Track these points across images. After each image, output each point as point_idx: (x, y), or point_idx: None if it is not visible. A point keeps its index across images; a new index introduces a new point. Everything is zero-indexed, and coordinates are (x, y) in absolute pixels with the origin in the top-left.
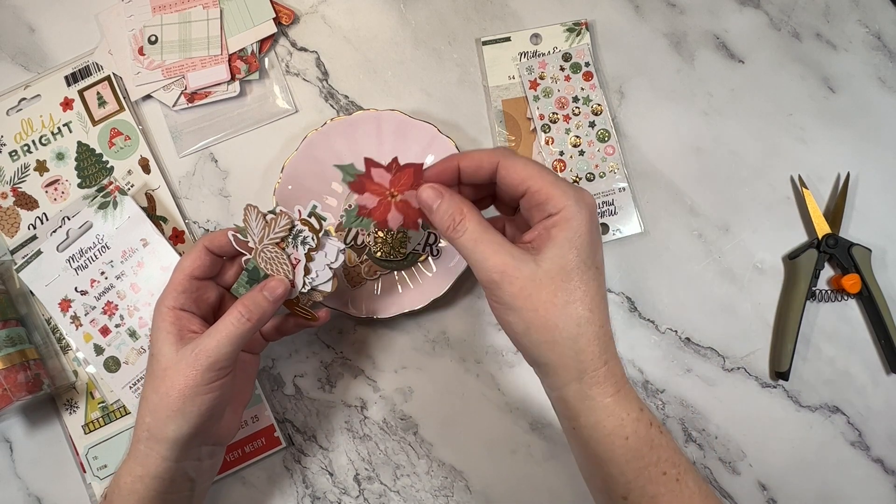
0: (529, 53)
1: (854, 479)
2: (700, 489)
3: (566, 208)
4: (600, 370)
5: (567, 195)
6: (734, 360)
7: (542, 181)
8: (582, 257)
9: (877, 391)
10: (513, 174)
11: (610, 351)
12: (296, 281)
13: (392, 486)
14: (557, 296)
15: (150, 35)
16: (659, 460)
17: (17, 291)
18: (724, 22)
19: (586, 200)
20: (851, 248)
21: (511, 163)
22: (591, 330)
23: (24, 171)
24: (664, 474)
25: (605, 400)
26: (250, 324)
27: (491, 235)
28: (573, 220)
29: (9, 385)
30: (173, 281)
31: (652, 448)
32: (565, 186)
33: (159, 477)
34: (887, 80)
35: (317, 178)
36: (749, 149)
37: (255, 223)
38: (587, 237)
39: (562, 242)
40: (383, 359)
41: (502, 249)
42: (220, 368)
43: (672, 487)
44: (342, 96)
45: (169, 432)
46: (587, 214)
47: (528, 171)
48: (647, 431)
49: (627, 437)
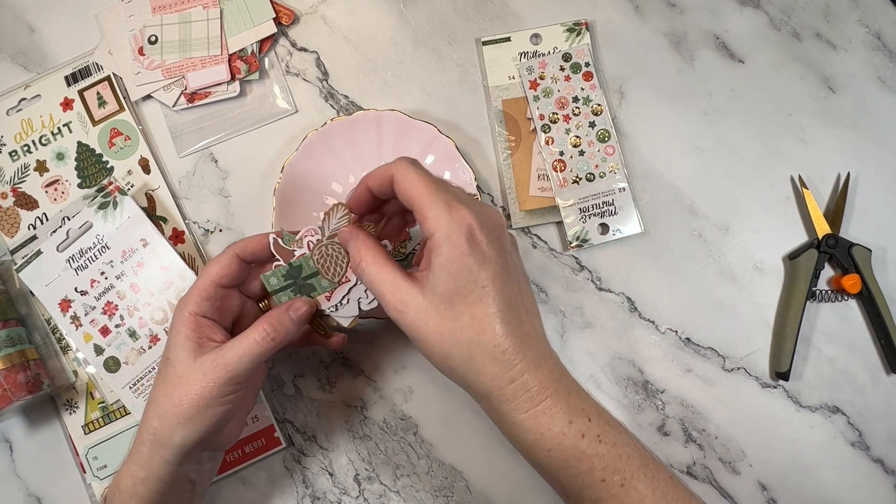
0: (529, 53)
1: (854, 479)
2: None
3: (438, 231)
4: (505, 389)
5: (439, 218)
6: (734, 360)
7: (421, 200)
8: (461, 282)
9: (877, 391)
10: (400, 190)
11: (518, 366)
12: (334, 295)
13: (392, 486)
14: (443, 324)
15: (150, 35)
16: (594, 469)
17: (17, 291)
18: (724, 22)
19: (459, 221)
20: (851, 249)
21: (401, 177)
22: (483, 352)
23: (24, 171)
24: (603, 481)
25: (518, 416)
26: (274, 343)
27: (385, 274)
28: (444, 246)
29: (9, 385)
30: (198, 286)
31: (582, 459)
32: (440, 207)
33: (161, 480)
34: (887, 80)
35: (317, 178)
36: (749, 149)
37: (334, 219)
38: (464, 259)
39: (437, 270)
40: (383, 359)
41: (394, 286)
42: (238, 383)
43: (615, 492)
44: (342, 96)
45: (176, 439)
46: (461, 236)
47: (413, 188)
48: (576, 443)
49: (550, 450)
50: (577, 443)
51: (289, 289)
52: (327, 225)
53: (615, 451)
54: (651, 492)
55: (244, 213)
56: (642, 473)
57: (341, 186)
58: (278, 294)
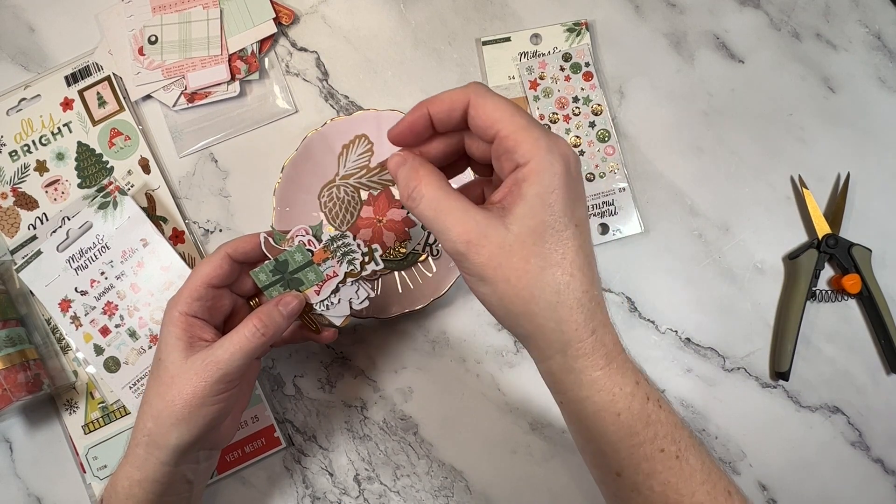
0: (529, 53)
1: (854, 479)
2: (703, 466)
3: (536, 158)
4: (586, 341)
5: (538, 143)
6: (734, 360)
7: (511, 125)
8: (557, 215)
9: (877, 391)
10: (482, 115)
11: (598, 318)
12: (323, 288)
13: (392, 486)
14: (531, 262)
15: (150, 35)
16: (656, 436)
17: (17, 291)
18: (724, 22)
19: (561, 148)
20: (851, 249)
21: (482, 101)
22: (571, 297)
23: (24, 171)
24: (661, 451)
25: (593, 374)
26: (264, 338)
27: (452, 201)
28: (544, 173)
29: (9, 385)
30: (189, 286)
31: (648, 424)
32: (538, 133)
33: (158, 481)
34: (887, 80)
35: (317, 178)
36: (749, 149)
37: (353, 154)
38: (562, 191)
39: (532, 200)
40: (383, 359)
41: (466, 216)
42: (230, 381)
43: (670, 465)
44: (342, 96)
45: (171, 439)
46: (561, 165)
47: (499, 112)
48: (643, 407)
49: (619, 414)
50: (645, 406)
51: (278, 284)
52: (344, 161)
53: (672, 419)
54: (701, 466)
55: (244, 213)
56: (692, 446)
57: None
58: (269, 290)
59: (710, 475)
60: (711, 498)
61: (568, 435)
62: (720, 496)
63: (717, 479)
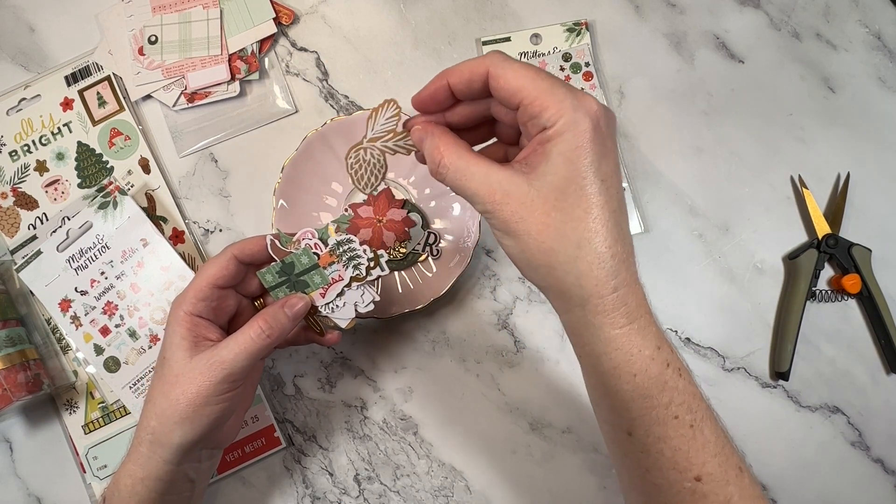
0: (529, 53)
1: (854, 479)
2: (718, 439)
3: (562, 120)
4: (606, 298)
5: (563, 104)
6: (734, 360)
7: (535, 90)
8: (581, 171)
9: (877, 391)
10: (504, 84)
11: (622, 276)
12: (328, 292)
13: (392, 486)
14: (552, 216)
15: (150, 35)
16: (671, 403)
17: (17, 291)
18: (724, 22)
19: (587, 107)
20: (851, 248)
21: (502, 70)
22: (592, 252)
23: (24, 171)
24: (675, 418)
25: (611, 332)
26: (270, 339)
27: (474, 166)
28: (569, 133)
29: (9, 385)
30: (195, 286)
31: (664, 390)
32: (563, 94)
33: (160, 479)
34: (887, 80)
35: (317, 178)
36: (749, 149)
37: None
38: (588, 148)
39: (555, 157)
40: (383, 359)
41: (488, 177)
42: (234, 381)
43: (683, 432)
44: (342, 96)
45: (175, 438)
46: (589, 123)
47: (521, 79)
48: (661, 372)
49: (636, 375)
50: (663, 372)
51: (284, 285)
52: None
53: (691, 389)
54: (714, 438)
55: (244, 213)
56: (709, 419)
57: (341, 186)
58: (275, 291)
59: (724, 449)
60: (723, 471)
61: (568, 435)
62: (731, 470)
63: (731, 453)
